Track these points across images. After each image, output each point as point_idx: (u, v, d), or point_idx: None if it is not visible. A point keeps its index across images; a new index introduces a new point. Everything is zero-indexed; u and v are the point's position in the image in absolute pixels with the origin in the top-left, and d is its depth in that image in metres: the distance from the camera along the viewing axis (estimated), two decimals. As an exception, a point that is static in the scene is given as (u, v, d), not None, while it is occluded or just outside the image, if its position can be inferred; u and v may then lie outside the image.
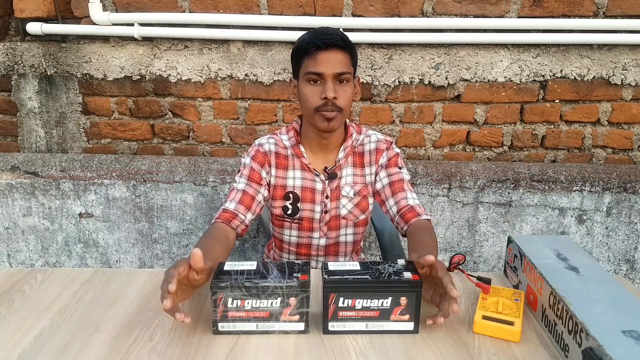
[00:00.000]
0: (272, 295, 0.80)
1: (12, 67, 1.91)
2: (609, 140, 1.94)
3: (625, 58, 1.83)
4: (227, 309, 0.81)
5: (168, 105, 1.94)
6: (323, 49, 1.08)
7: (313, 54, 1.08)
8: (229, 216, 1.14)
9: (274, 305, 0.81)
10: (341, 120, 1.15)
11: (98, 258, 1.96)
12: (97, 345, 0.80)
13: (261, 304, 0.81)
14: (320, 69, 1.08)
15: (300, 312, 0.82)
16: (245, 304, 0.81)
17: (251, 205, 1.18)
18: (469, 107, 1.90)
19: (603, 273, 0.90)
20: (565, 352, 0.77)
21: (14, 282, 1.00)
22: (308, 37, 1.11)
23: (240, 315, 0.82)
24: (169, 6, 1.81)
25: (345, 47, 1.10)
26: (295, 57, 1.14)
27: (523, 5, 1.78)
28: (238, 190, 1.18)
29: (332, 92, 1.08)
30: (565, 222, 1.87)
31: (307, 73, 1.10)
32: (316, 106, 1.10)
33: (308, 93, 1.11)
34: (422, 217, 1.16)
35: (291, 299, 0.81)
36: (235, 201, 1.16)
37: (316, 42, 1.08)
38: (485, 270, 1.95)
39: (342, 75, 1.10)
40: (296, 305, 0.81)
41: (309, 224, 1.25)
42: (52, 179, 1.86)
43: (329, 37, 1.08)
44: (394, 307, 0.83)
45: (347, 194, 1.24)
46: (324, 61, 1.08)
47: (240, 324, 0.82)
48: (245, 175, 1.20)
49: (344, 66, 1.10)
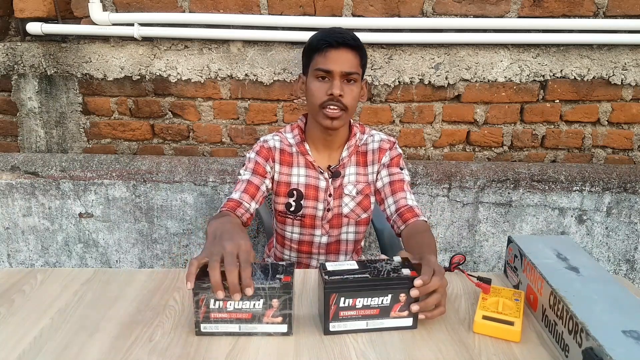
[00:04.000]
0: (254, 296, 0.80)
1: (12, 67, 1.91)
2: (609, 140, 1.94)
3: (625, 58, 1.83)
4: (209, 310, 0.80)
5: (168, 105, 1.94)
6: (334, 47, 1.10)
7: (324, 51, 1.11)
8: (233, 205, 1.15)
9: (256, 306, 0.80)
10: (345, 120, 1.16)
11: (98, 258, 1.96)
12: (97, 345, 0.80)
13: (243, 306, 0.80)
14: (330, 67, 1.10)
15: (283, 314, 0.81)
16: (228, 305, 0.80)
17: (255, 194, 1.19)
18: (469, 107, 1.90)
19: (603, 273, 0.90)
20: (566, 352, 0.77)
21: (14, 282, 1.00)
22: (321, 35, 1.13)
23: (223, 317, 0.81)
24: (169, 6, 1.81)
25: (356, 47, 1.13)
26: (307, 54, 1.17)
27: (523, 5, 1.78)
28: (243, 181, 1.21)
29: (339, 89, 1.10)
30: (565, 222, 1.87)
31: (317, 69, 1.12)
32: (321, 102, 1.12)
33: (315, 89, 1.13)
34: (420, 218, 1.17)
35: (274, 301, 0.80)
36: (240, 191, 1.18)
37: (328, 40, 1.10)
38: (485, 270, 1.95)
39: (350, 75, 1.12)
40: (279, 307, 0.81)
41: (311, 221, 1.26)
42: (52, 179, 1.86)
43: (341, 36, 1.11)
44: (394, 304, 0.83)
45: (349, 193, 1.25)
46: (334, 59, 1.10)
47: (223, 325, 0.81)
48: (250, 168, 1.22)
49: (353, 66, 1.12)
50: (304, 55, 1.18)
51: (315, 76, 1.13)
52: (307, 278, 1.03)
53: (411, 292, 0.82)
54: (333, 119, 1.13)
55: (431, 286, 0.82)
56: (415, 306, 0.82)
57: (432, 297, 0.83)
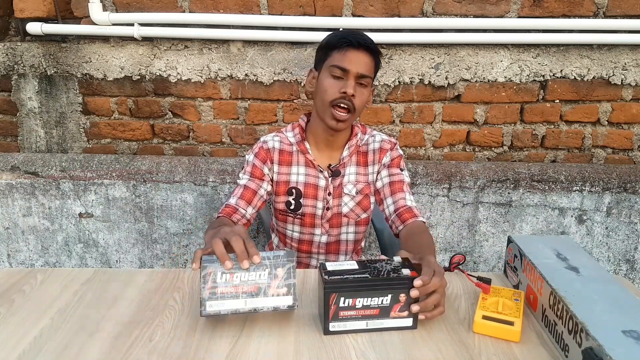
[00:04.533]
0: (260, 267, 0.82)
1: (12, 67, 1.91)
2: (609, 140, 1.94)
3: (625, 58, 1.83)
4: (215, 285, 0.81)
5: (168, 105, 1.94)
6: (354, 47, 1.12)
7: (344, 49, 1.12)
8: (229, 211, 1.18)
9: (262, 277, 0.82)
10: (350, 122, 1.18)
11: (98, 258, 1.96)
12: (97, 345, 0.80)
13: (249, 277, 0.82)
14: (347, 65, 1.11)
15: (288, 284, 0.83)
16: (234, 277, 0.82)
17: (252, 199, 1.21)
18: (469, 107, 1.90)
19: (603, 273, 0.90)
20: (565, 352, 0.77)
21: (14, 282, 1.00)
22: (340, 34, 1.15)
23: (229, 291, 0.82)
24: (169, 6, 1.81)
25: (374, 52, 1.15)
26: (323, 49, 1.17)
27: (523, 5, 1.78)
28: (240, 185, 1.23)
29: (352, 89, 1.11)
30: (565, 222, 1.87)
31: (333, 66, 1.13)
32: (333, 99, 1.13)
33: (328, 85, 1.14)
34: (418, 218, 1.18)
35: (278, 270, 0.82)
36: (237, 196, 1.20)
37: (350, 39, 1.12)
38: (485, 270, 1.95)
39: (364, 78, 1.13)
40: (283, 276, 0.83)
41: (310, 220, 1.26)
42: (52, 179, 1.86)
43: (362, 38, 1.13)
44: (394, 304, 0.83)
45: (349, 192, 1.25)
46: (352, 58, 1.12)
47: (229, 301, 0.82)
48: (247, 172, 1.24)
49: (368, 69, 1.14)
50: (320, 51, 1.19)
51: (330, 73, 1.14)
52: (307, 278, 1.03)
53: (411, 292, 0.82)
54: (339, 121, 1.14)
55: (431, 286, 0.82)
56: (416, 307, 0.83)
57: (432, 297, 0.83)
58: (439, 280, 0.83)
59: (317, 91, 1.18)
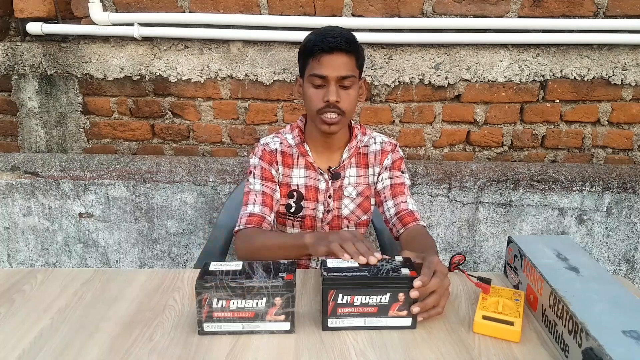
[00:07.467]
0: (257, 295, 0.80)
1: (12, 67, 1.91)
2: (609, 140, 1.94)
3: (625, 58, 1.83)
4: (212, 310, 0.81)
5: (168, 105, 1.94)
6: (327, 52, 1.07)
7: (317, 56, 1.08)
8: (258, 220, 1.14)
9: (259, 305, 0.81)
10: (343, 123, 1.16)
11: (98, 258, 1.96)
12: (97, 345, 0.80)
13: (246, 304, 0.81)
14: (324, 72, 1.08)
15: (286, 312, 0.82)
16: (231, 304, 0.81)
17: (272, 204, 1.19)
18: (469, 107, 1.90)
19: (603, 273, 0.90)
20: (566, 352, 0.77)
21: (14, 282, 1.00)
22: (314, 38, 1.10)
23: (226, 316, 0.81)
24: (169, 6, 1.81)
25: (349, 50, 1.09)
26: (302, 57, 1.15)
27: (523, 5, 1.78)
28: (257, 192, 1.18)
29: (335, 95, 1.09)
30: (565, 222, 1.87)
31: (311, 75, 1.10)
32: (318, 108, 1.11)
33: (311, 95, 1.12)
34: (419, 222, 1.18)
35: (276, 299, 0.81)
36: (259, 204, 1.17)
37: (321, 45, 1.07)
38: (485, 270, 1.95)
39: (346, 78, 1.10)
40: (282, 305, 0.81)
41: (311, 223, 1.25)
42: (52, 179, 1.86)
43: (334, 40, 1.07)
44: (392, 303, 0.83)
45: (349, 194, 1.24)
46: (327, 64, 1.08)
47: (226, 324, 0.82)
48: (258, 175, 1.20)
49: (348, 69, 1.10)
50: (300, 58, 1.16)
51: (311, 82, 1.11)
52: (307, 278, 1.03)
53: (411, 293, 0.82)
54: (330, 125, 1.12)
55: (430, 287, 0.82)
56: (416, 307, 0.82)
57: (431, 297, 0.83)
58: (439, 280, 0.83)
59: (304, 100, 1.17)
